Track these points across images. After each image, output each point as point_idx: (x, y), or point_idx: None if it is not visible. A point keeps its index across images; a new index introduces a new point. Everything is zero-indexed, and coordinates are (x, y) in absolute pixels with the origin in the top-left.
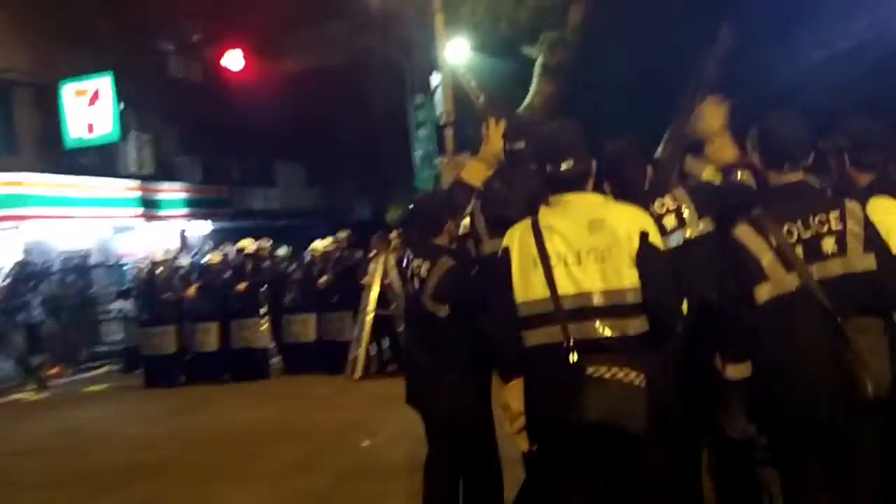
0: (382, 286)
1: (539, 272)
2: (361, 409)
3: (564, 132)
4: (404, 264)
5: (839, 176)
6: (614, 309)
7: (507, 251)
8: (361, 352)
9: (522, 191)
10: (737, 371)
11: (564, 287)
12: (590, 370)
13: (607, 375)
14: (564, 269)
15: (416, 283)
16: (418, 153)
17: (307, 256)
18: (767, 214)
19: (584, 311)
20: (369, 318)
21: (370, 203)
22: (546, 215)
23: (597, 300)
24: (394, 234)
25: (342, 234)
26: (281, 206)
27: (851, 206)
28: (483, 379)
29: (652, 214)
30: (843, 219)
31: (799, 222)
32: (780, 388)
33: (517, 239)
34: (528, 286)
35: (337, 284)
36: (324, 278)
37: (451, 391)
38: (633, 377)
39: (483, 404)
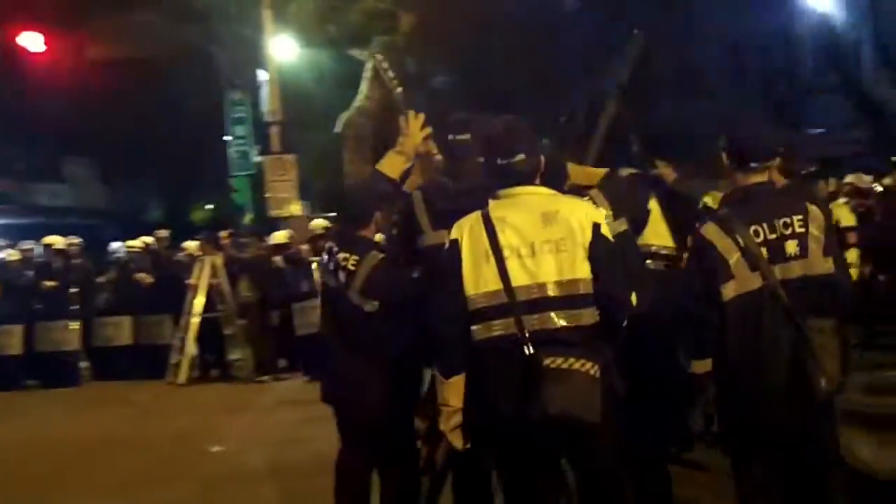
0: (209, 288)
1: (492, 264)
2: (195, 415)
3: (516, 126)
4: (327, 256)
5: None
6: (569, 300)
7: (455, 243)
8: (186, 356)
9: (471, 183)
10: (701, 366)
11: (518, 279)
12: (546, 361)
13: (564, 366)
14: (518, 260)
15: (342, 277)
16: (234, 152)
17: (122, 254)
18: (735, 215)
19: (538, 302)
20: (195, 320)
21: (167, 203)
22: (497, 208)
23: (552, 291)
24: (224, 234)
25: (163, 233)
26: (70, 203)
27: (814, 210)
28: (412, 377)
29: None
30: (805, 223)
31: (764, 224)
32: (741, 382)
33: (467, 231)
34: (479, 279)
35: (157, 285)
36: (143, 277)
37: (378, 390)
38: (590, 367)
39: (410, 403)
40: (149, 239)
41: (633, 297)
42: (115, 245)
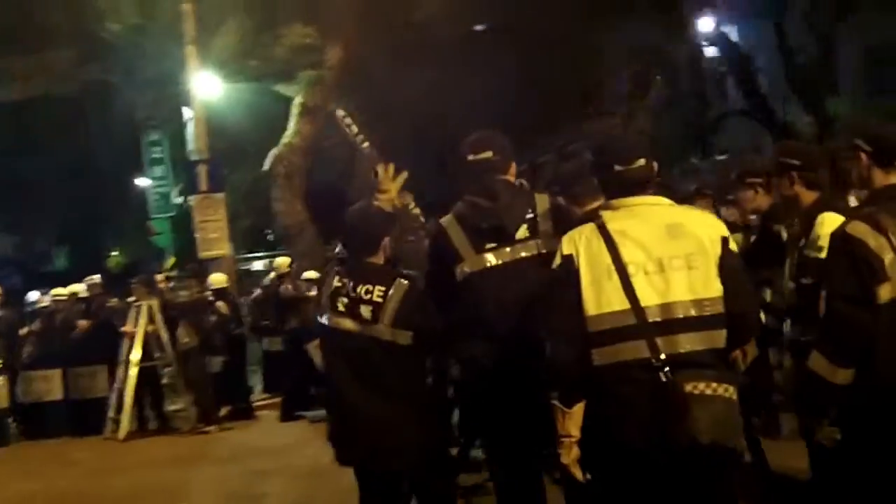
0: (146, 335)
1: (615, 282)
2: (145, 471)
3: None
4: (333, 289)
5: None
6: (703, 320)
7: (570, 259)
8: (126, 408)
9: (515, 202)
10: (844, 376)
11: (647, 298)
12: (688, 387)
13: (708, 392)
14: (645, 278)
15: (366, 312)
16: (154, 193)
17: (48, 303)
18: (882, 213)
19: (670, 323)
20: (134, 370)
21: (74, 250)
22: (614, 219)
23: (684, 311)
24: (160, 278)
25: (95, 279)
26: None
27: None
28: (443, 411)
29: None
30: None
31: None
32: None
33: (583, 245)
34: (601, 297)
35: (89, 334)
36: (83, 324)
37: (414, 432)
38: (731, 392)
39: (446, 438)
40: (77, 287)
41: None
42: (33, 295)
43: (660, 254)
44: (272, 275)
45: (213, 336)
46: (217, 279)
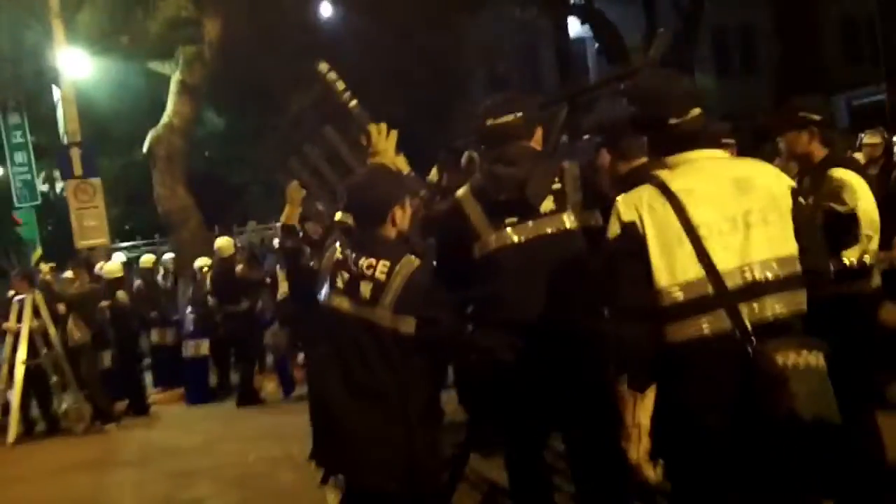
0: (30, 331)
1: (687, 247)
2: (54, 480)
3: (677, 79)
4: (334, 262)
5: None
6: (786, 281)
7: (633, 227)
8: (14, 411)
9: (540, 170)
10: None
11: (725, 262)
12: (779, 359)
13: (801, 363)
14: (720, 239)
15: (366, 290)
16: (17, 181)
17: None
18: None
19: (752, 287)
20: (20, 369)
21: None
22: (676, 178)
23: (767, 272)
24: (46, 269)
25: None
26: None
27: None
28: (437, 414)
29: None
30: None
31: None
32: None
33: (647, 210)
34: (674, 266)
35: None
36: None
37: (408, 444)
38: (821, 360)
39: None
40: None
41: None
42: None
43: (733, 211)
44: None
45: (107, 330)
46: (111, 269)
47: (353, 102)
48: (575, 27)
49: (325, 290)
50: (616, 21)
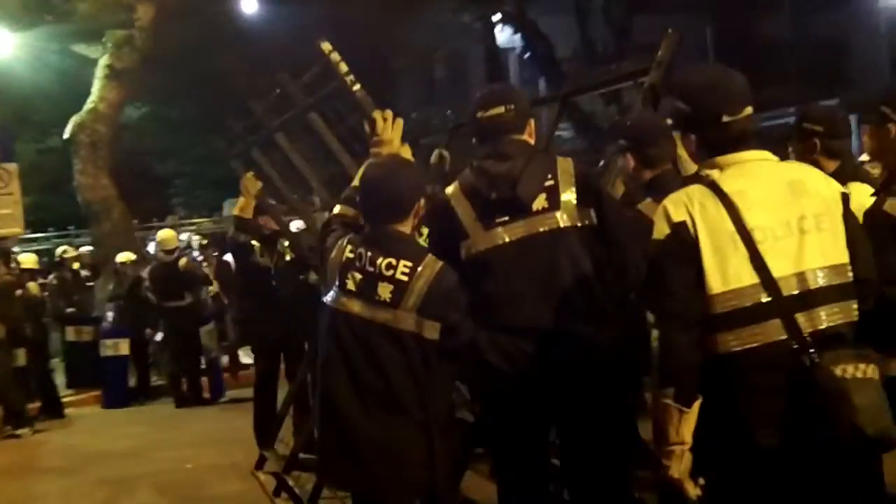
0: None
1: (741, 252)
2: None
3: (732, 73)
4: (343, 261)
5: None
6: (840, 290)
7: (683, 227)
8: None
9: (532, 166)
10: None
11: (779, 268)
12: (837, 371)
13: (860, 375)
14: (775, 244)
15: (385, 292)
16: None
17: None
18: None
19: (808, 295)
20: None
21: None
22: (727, 179)
23: (822, 280)
24: None
25: None
26: None
27: None
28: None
29: None
30: None
31: None
32: None
33: (698, 210)
34: (727, 272)
35: None
36: None
37: (422, 467)
38: (877, 372)
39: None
40: None
41: None
42: None
43: (787, 216)
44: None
45: (23, 325)
46: (27, 259)
47: (357, 86)
48: (500, 36)
49: (331, 292)
50: (548, 32)
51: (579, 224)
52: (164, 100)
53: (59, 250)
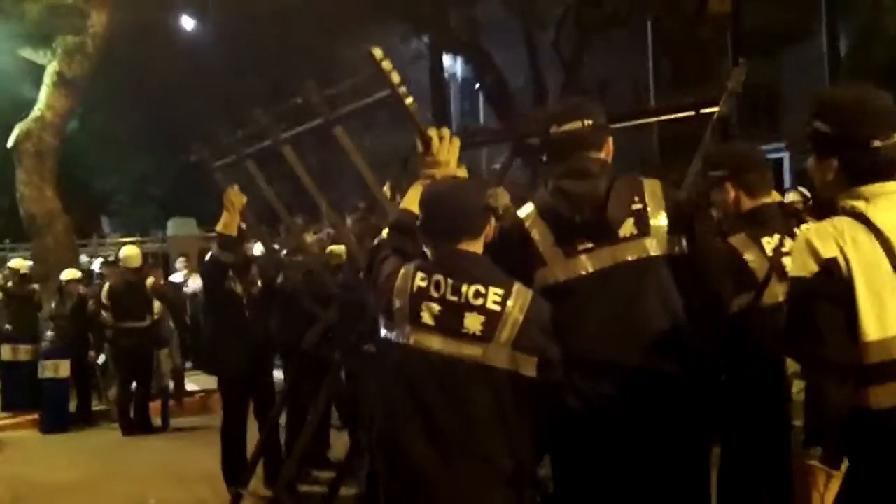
0: None
1: None
2: None
3: (881, 94)
4: (413, 291)
5: None
6: None
7: (835, 265)
8: None
9: (617, 187)
10: None
11: None
12: None
13: None
14: None
15: (470, 323)
16: None
17: None
18: None
19: None
20: None
21: None
22: (877, 212)
23: None
24: None
25: None
26: None
27: None
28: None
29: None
30: None
31: None
32: None
33: (851, 246)
34: (885, 317)
35: None
36: None
37: None
38: None
39: None
40: None
41: None
42: None
43: None
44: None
45: None
46: None
47: (410, 99)
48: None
49: (397, 328)
50: (499, 64)
51: (669, 253)
52: (108, 112)
53: (12, 263)
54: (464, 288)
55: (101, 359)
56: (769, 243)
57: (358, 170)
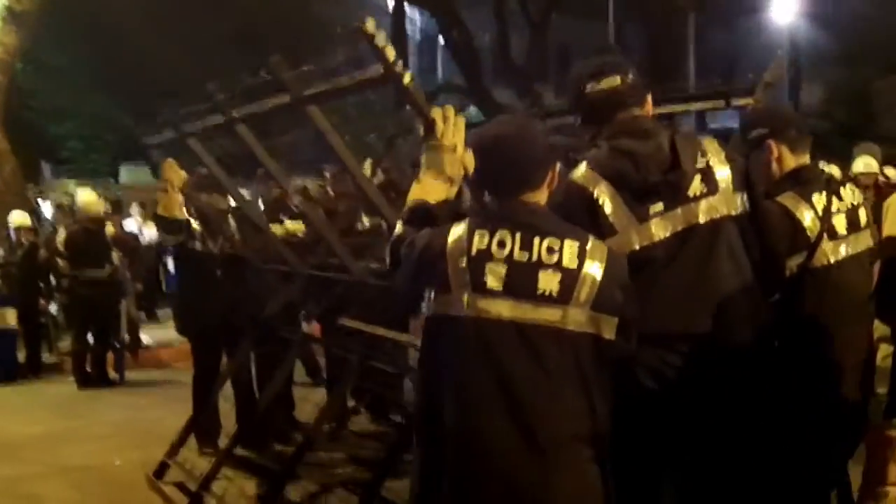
0: None
1: None
2: None
3: None
4: (473, 253)
5: None
6: None
7: None
8: None
9: (681, 145)
10: None
11: None
12: None
13: None
14: None
15: (546, 281)
16: None
17: None
18: None
19: None
20: None
21: None
22: None
23: None
24: None
25: None
26: None
27: None
28: None
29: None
30: None
31: None
32: None
33: None
34: None
35: None
36: None
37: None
38: None
39: None
40: None
41: None
42: None
43: None
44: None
45: None
46: None
47: (408, 76)
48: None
49: (454, 298)
50: (465, 21)
51: (734, 213)
52: (61, 51)
53: None
54: (535, 243)
55: (53, 308)
56: (819, 202)
57: (336, 151)
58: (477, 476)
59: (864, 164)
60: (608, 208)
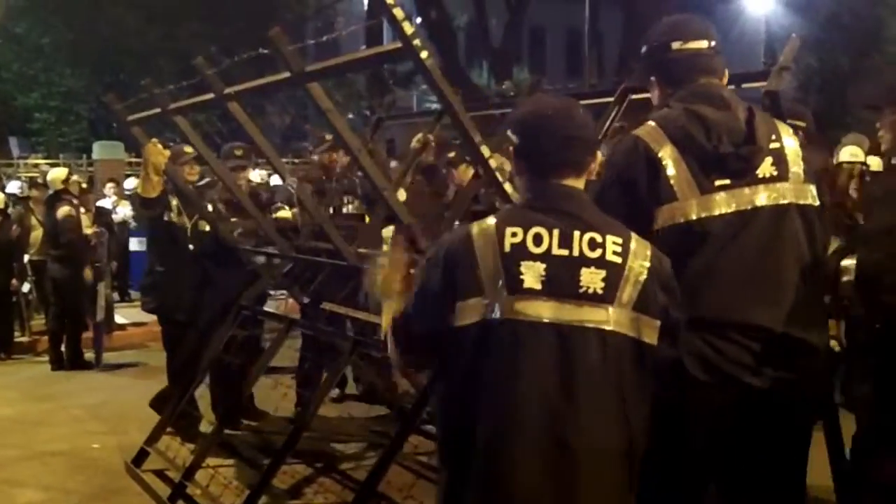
0: None
1: None
2: None
3: None
4: (508, 249)
5: None
6: None
7: None
8: None
9: (757, 119)
10: None
11: None
12: None
13: None
14: None
15: (589, 279)
16: None
17: None
18: None
19: None
20: None
21: None
22: None
23: None
24: None
25: None
26: None
27: None
28: None
29: None
30: None
31: None
32: None
33: None
34: None
35: None
36: None
37: None
38: None
39: None
40: None
41: None
42: None
43: None
44: None
45: None
46: None
47: (426, 54)
48: None
49: (488, 302)
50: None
51: (803, 202)
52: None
53: None
54: (574, 237)
55: (26, 287)
56: None
57: (337, 130)
58: (505, 493)
59: (850, 153)
60: (670, 171)
